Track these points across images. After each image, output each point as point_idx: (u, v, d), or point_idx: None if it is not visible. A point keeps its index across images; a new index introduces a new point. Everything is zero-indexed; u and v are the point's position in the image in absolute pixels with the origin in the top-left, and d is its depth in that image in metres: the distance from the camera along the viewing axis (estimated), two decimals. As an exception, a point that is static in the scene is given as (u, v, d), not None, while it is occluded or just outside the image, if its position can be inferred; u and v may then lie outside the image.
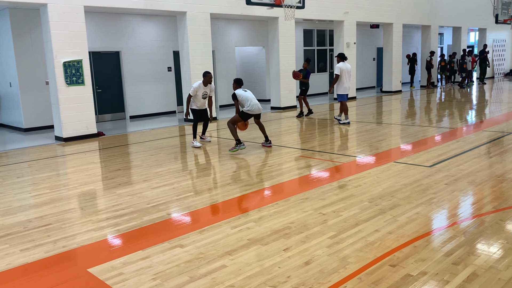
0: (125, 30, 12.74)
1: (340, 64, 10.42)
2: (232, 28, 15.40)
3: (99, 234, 4.20)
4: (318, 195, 5.11)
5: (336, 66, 10.46)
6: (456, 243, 3.68)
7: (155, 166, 6.95)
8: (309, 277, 3.20)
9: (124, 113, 13.22)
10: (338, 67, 10.39)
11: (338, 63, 10.47)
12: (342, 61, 10.46)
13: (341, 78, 10.40)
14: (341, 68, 10.37)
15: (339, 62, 10.46)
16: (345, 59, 10.57)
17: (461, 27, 22.13)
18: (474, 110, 12.77)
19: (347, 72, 10.46)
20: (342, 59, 10.48)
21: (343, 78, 10.40)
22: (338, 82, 10.47)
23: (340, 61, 10.48)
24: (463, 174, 5.76)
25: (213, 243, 3.87)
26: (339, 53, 10.59)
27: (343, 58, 10.49)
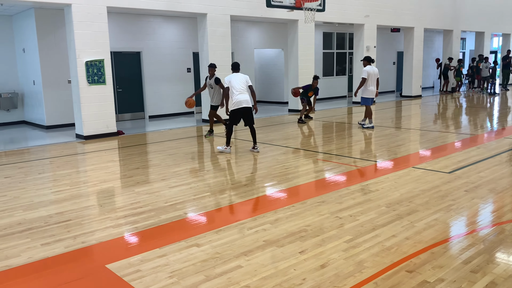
0: (146, 31, 12.91)
1: (367, 67, 10.19)
2: (251, 30, 15.46)
3: (117, 231, 4.27)
4: (335, 199, 5.10)
5: (363, 69, 10.22)
6: (475, 250, 3.63)
7: (173, 165, 7.02)
8: (325, 280, 3.20)
9: (144, 113, 13.39)
10: (365, 71, 10.14)
11: (365, 67, 10.24)
12: (369, 64, 10.25)
13: (367, 82, 10.18)
14: (368, 71, 10.14)
15: (366, 66, 10.24)
16: (372, 62, 10.36)
17: (484, 32, 21.76)
18: (496, 117, 12.54)
19: (373, 75, 10.25)
20: (369, 62, 10.27)
21: (368, 82, 10.19)
22: (364, 86, 10.25)
23: (366, 64, 10.26)
24: (484, 181, 5.66)
25: (229, 243, 3.90)
26: (366, 56, 10.40)
27: (370, 61, 10.28)
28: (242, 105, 7.42)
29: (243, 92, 7.47)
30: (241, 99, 7.41)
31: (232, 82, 7.49)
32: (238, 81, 7.49)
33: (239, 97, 7.41)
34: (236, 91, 7.43)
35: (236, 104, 7.45)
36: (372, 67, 10.27)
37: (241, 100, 7.41)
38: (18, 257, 3.70)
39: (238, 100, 7.42)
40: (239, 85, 7.46)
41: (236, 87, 7.43)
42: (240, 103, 7.41)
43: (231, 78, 7.57)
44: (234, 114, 7.56)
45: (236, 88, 7.43)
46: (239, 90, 7.43)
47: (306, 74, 13.97)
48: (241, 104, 7.42)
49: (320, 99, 17.26)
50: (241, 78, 7.57)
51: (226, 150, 7.73)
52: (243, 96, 7.43)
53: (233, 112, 7.55)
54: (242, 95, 7.43)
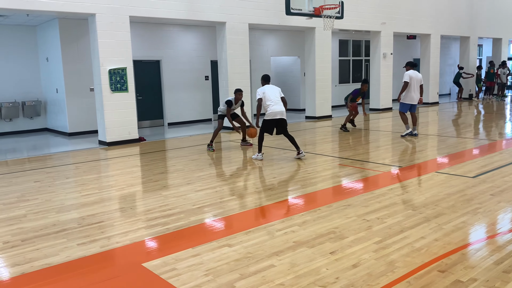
0: (165, 39, 13.15)
1: (410, 71, 9.79)
2: (268, 38, 15.62)
3: (149, 232, 4.38)
4: (360, 202, 5.15)
5: (406, 73, 9.81)
6: (505, 252, 3.65)
7: (196, 170, 7.14)
8: (358, 279, 3.25)
9: (163, 120, 13.59)
10: (407, 74, 9.73)
11: (407, 71, 9.84)
12: (412, 69, 9.86)
13: (409, 87, 9.74)
14: (410, 76, 9.71)
15: (409, 70, 9.85)
16: (415, 66, 9.96)
17: (501, 39, 21.62)
18: (516, 123, 12.45)
19: (416, 81, 9.76)
20: (412, 67, 9.88)
21: (410, 87, 9.73)
22: (406, 91, 9.81)
23: (409, 69, 9.87)
24: (509, 185, 5.66)
25: (260, 244, 3.98)
26: (408, 62, 10.09)
27: (412, 66, 9.89)
28: (277, 116, 7.40)
29: (278, 102, 7.44)
30: (276, 110, 7.38)
31: (267, 93, 7.47)
32: (272, 92, 7.49)
33: (275, 108, 7.38)
34: (271, 101, 7.40)
35: (271, 115, 7.41)
36: (415, 72, 9.85)
37: (276, 111, 7.38)
38: (57, 256, 3.83)
39: (274, 111, 7.38)
40: (273, 96, 7.45)
41: (271, 98, 7.41)
42: (275, 114, 7.39)
43: (265, 89, 7.56)
44: (267, 123, 7.52)
45: (271, 99, 7.41)
46: (274, 101, 7.41)
47: (323, 81, 14.07)
48: (276, 115, 7.40)
49: (336, 106, 17.33)
50: (275, 89, 7.60)
51: (258, 157, 7.70)
52: (278, 107, 7.40)
53: (267, 121, 7.50)
54: (277, 106, 7.40)
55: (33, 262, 3.72)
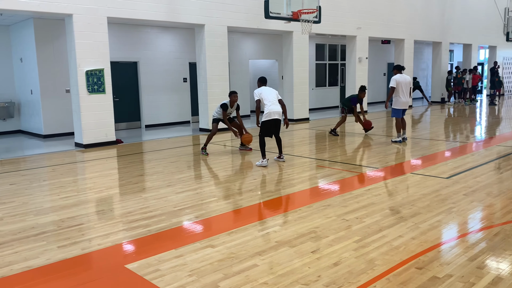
0: (143, 41, 13.06)
1: (396, 76, 9.47)
2: (246, 41, 15.71)
3: (131, 233, 4.36)
4: (339, 203, 5.26)
5: (392, 78, 9.51)
6: (478, 249, 3.80)
7: (176, 172, 7.13)
8: (339, 277, 3.34)
9: (140, 122, 13.48)
10: (394, 79, 9.42)
11: (394, 76, 9.54)
12: (400, 72, 9.56)
13: (397, 92, 9.44)
14: (397, 80, 9.39)
15: (396, 74, 9.54)
16: (403, 69, 9.66)
17: (471, 44, 22.33)
18: (486, 126, 12.88)
19: (404, 85, 9.44)
20: (399, 71, 9.57)
21: (399, 92, 9.44)
22: (394, 96, 9.53)
23: (397, 73, 9.55)
24: (481, 185, 5.88)
25: (243, 244, 4.02)
26: (396, 65, 9.76)
27: (400, 69, 9.59)
28: (273, 116, 7.34)
29: (275, 103, 7.39)
30: (273, 110, 7.32)
31: (264, 94, 7.42)
32: (270, 93, 7.46)
33: (272, 108, 7.32)
34: (268, 102, 7.35)
35: (268, 115, 7.34)
36: (403, 75, 9.53)
37: (273, 111, 7.32)
38: (37, 259, 3.78)
39: (270, 111, 7.32)
40: (271, 96, 7.41)
41: (269, 98, 7.37)
42: (271, 114, 7.33)
43: (262, 90, 7.52)
44: (266, 125, 7.41)
45: (268, 99, 7.36)
46: (271, 101, 7.36)
47: (301, 84, 14.24)
48: (273, 115, 7.34)
49: (313, 109, 17.54)
50: (272, 91, 7.57)
51: (263, 162, 7.43)
52: (275, 107, 7.35)
53: (265, 123, 7.40)
54: (274, 106, 7.35)
55: (12, 265, 3.66)
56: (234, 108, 8.66)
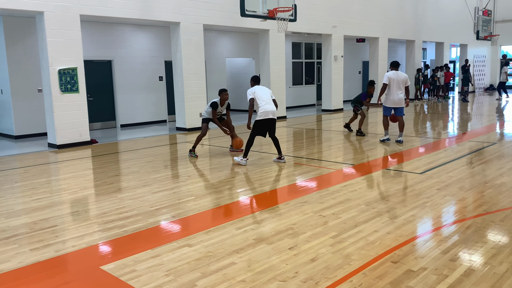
0: (117, 39, 12.86)
1: (390, 72, 9.11)
2: (223, 39, 15.65)
3: (106, 234, 4.29)
4: (316, 199, 5.30)
5: (385, 74, 9.19)
6: (451, 242, 3.89)
7: (152, 172, 7.05)
8: (316, 273, 3.36)
9: (115, 122, 13.27)
10: (386, 76, 9.07)
11: (388, 72, 9.25)
12: (395, 69, 9.14)
13: (389, 89, 9.11)
14: (390, 77, 9.02)
15: (391, 71, 9.19)
16: (397, 66, 9.19)
17: (443, 43, 22.84)
18: (458, 123, 13.20)
19: (397, 82, 8.98)
20: (395, 68, 9.18)
21: (390, 89, 9.09)
22: (386, 93, 9.22)
23: (393, 69, 9.17)
24: (453, 180, 6.02)
25: (220, 242, 4.01)
26: (392, 62, 9.37)
27: (394, 66, 9.20)
28: (269, 116, 7.14)
29: (270, 102, 7.20)
30: (268, 109, 7.12)
31: (258, 93, 7.20)
32: (264, 92, 7.27)
33: (267, 107, 7.12)
34: (262, 101, 7.14)
35: (263, 115, 7.12)
36: (396, 72, 9.07)
37: (268, 111, 7.12)
38: (9, 262, 3.68)
39: (266, 111, 7.11)
40: (265, 96, 7.22)
41: (263, 97, 7.17)
42: (267, 114, 7.12)
43: (256, 89, 7.29)
44: (260, 124, 7.20)
45: (262, 99, 7.15)
46: (265, 101, 7.16)
47: (278, 82, 14.28)
48: (268, 115, 7.13)
49: (290, 107, 17.61)
50: (266, 90, 7.37)
51: (242, 161, 7.27)
52: (270, 107, 7.16)
53: (259, 122, 7.19)
54: (269, 106, 7.15)
55: (-18, 269, 3.56)
56: (224, 107, 8.29)
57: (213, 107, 8.10)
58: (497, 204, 4.94)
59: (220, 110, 8.30)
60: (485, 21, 21.80)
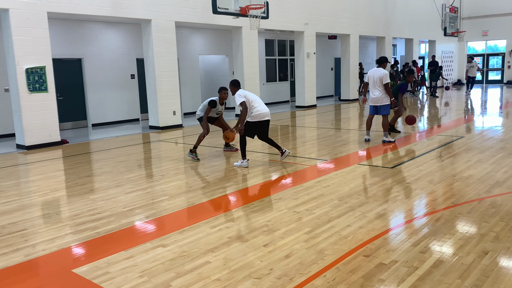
0: (87, 37, 12.60)
1: (371, 69, 8.83)
2: (195, 36, 15.54)
3: (78, 237, 4.21)
4: (290, 195, 5.34)
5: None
6: (421, 234, 4.00)
7: (125, 172, 6.96)
8: (291, 269, 3.40)
9: (86, 121, 13.01)
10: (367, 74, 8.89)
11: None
12: (379, 66, 8.77)
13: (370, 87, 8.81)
14: (368, 74, 8.81)
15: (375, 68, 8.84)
16: (381, 62, 8.77)
17: (413, 39, 23.32)
18: (428, 117, 13.53)
19: (372, 80, 8.65)
20: (377, 63, 8.84)
21: (370, 87, 8.79)
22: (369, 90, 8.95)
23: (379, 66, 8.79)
24: (423, 174, 6.18)
25: (195, 242, 4.00)
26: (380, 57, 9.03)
27: (378, 63, 8.84)
28: (265, 117, 6.95)
29: (262, 104, 7.04)
30: (264, 111, 6.93)
31: (249, 96, 6.96)
32: (254, 95, 7.12)
33: (262, 109, 6.93)
34: (256, 103, 6.93)
35: (259, 116, 6.90)
36: (375, 69, 8.69)
37: (264, 113, 6.93)
38: (-25, 269, 3.57)
39: (262, 112, 6.90)
40: (257, 98, 7.06)
41: (256, 100, 6.98)
42: (263, 115, 6.92)
43: (246, 93, 7.01)
44: (254, 126, 6.97)
45: (256, 101, 6.95)
46: (259, 103, 6.98)
47: (252, 80, 14.30)
48: (265, 116, 6.94)
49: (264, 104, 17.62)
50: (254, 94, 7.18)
51: (243, 164, 6.98)
52: (265, 108, 6.99)
53: (253, 124, 6.94)
54: (264, 107, 6.99)
55: None
56: (223, 106, 7.89)
57: (211, 105, 7.58)
58: (464, 196, 5.10)
59: (220, 110, 7.87)
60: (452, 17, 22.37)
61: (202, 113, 7.74)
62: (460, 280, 3.12)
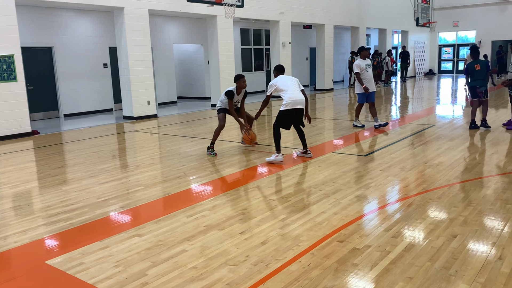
0: (57, 25, 12.25)
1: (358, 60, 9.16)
2: (170, 25, 15.32)
3: (51, 228, 4.15)
4: (266, 184, 5.38)
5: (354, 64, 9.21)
6: (393, 219, 4.11)
7: (99, 162, 6.85)
8: (267, 255, 3.44)
9: (58, 111, 12.71)
10: (356, 65, 9.10)
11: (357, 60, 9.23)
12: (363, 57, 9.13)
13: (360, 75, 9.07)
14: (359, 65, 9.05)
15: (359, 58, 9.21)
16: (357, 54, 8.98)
17: (386, 29, 23.62)
18: (400, 106, 13.79)
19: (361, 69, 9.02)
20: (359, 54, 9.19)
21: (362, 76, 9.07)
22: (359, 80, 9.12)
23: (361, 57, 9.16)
24: (395, 161, 6.31)
25: (171, 231, 3.99)
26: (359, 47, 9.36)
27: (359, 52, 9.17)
28: (297, 105, 6.35)
29: (298, 91, 6.45)
30: (296, 98, 6.33)
31: (281, 82, 6.47)
32: (289, 81, 6.53)
33: (294, 96, 6.34)
34: (288, 88, 6.38)
35: (291, 104, 6.32)
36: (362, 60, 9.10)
37: (297, 99, 6.34)
38: None
39: (294, 99, 6.32)
40: (291, 84, 6.47)
41: (289, 86, 6.41)
42: (295, 103, 6.33)
43: (277, 81, 6.55)
44: (286, 115, 6.41)
45: (288, 86, 6.40)
46: (292, 88, 6.39)
47: (227, 69, 14.22)
48: (297, 104, 6.34)
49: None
50: (292, 79, 6.62)
51: (278, 158, 6.42)
52: (298, 95, 6.38)
53: (286, 112, 6.39)
54: (297, 94, 6.38)
55: None
56: (241, 96, 7.28)
57: (229, 96, 7.04)
58: (435, 182, 5.24)
59: (238, 100, 7.30)
60: (424, 8, 22.76)
61: (221, 105, 7.27)
62: (430, 263, 3.23)
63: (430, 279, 3.00)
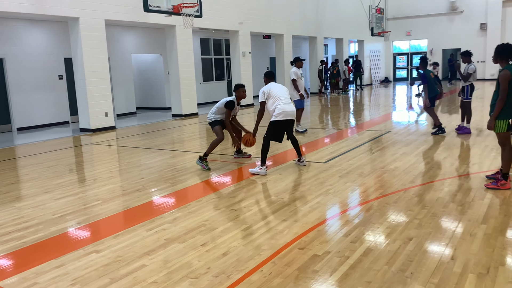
0: (8, 35, 11.82)
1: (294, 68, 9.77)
2: (127, 35, 15.11)
3: (3, 248, 3.96)
4: (228, 194, 5.37)
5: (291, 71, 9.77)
6: (352, 225, 4.20)
7: (54, 177, 6.63)
8: (228, 266, 3.43)
9: (10, 125, 12.21)
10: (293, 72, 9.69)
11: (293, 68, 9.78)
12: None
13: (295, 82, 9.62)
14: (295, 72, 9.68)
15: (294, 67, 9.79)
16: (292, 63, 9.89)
17: (342, 39, 24.26)
18: (357, 113, 14.16)
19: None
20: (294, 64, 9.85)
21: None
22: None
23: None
24: (353, 167, 6.47)
25: (130, 246, 3.91)
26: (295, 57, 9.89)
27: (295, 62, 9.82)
28: (288, 117, 6.26)
29: (289, 102, 6.40)
30: (287, 109, 6.25)
31: (273, 91, 6.37)
32: (281, 90, 6.45)
33: (285, 107, 6.24)
34: (280, 100, 6.29)
35: (282, 115, 6.23)
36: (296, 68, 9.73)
37: (287, 111, 6.24)
38: None
39: (285, 111, 6.22)
40: (283, 94, 6.40)
41: (281, 96, 6.33)
42: (286, 114, 6.24)
43: (270, 87, 6.46)
44: (277, 126, 6.32)
45: (280, 97, 6.31)
46: (283, 99, 6.31)
47: (188, 79, 14.16)
48: (288, 115, 6.25)
49: (201, 103, 17.54)
50: (283, 88, 6.57)
51: (261, 171, 6.25)
52: (289, 107, 6.31)
53: (277, 124, 6.30)
54: (288, 105, 6.31)
55: None
56: (239, 106, 7.04)
57: (229, 107, 6.73)
58: (391, 187, 5.41)
59: (236, 111, 7.02)
60: (378, 18, 23.54)
61: (215, 116, 6.91)
62: (387, 266, 3.32)
63: (387, 282, 3.08)
